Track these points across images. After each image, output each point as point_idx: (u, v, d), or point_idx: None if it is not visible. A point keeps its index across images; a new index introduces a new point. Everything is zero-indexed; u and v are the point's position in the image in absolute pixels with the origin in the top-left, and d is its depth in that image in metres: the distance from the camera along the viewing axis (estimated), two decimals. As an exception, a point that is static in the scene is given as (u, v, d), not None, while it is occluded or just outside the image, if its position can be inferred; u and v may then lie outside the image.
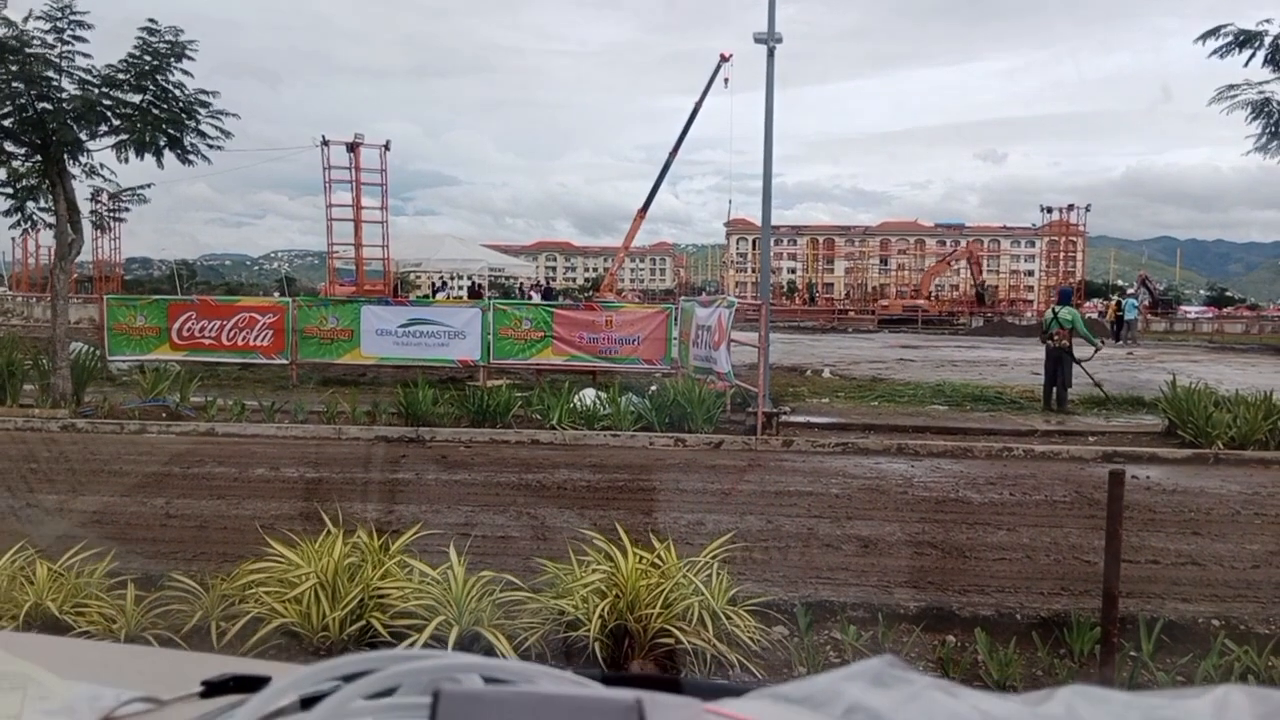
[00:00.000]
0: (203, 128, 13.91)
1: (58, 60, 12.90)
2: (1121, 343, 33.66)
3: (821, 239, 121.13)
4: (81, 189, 14.33)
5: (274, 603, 4.59)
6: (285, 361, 17.26)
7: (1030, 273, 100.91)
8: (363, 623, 4.53)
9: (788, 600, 5.33)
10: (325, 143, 32.50)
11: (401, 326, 16.93)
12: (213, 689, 1.04)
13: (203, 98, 13.89)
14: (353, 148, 32.66)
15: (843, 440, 11.54)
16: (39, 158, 13.53)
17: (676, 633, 4.49)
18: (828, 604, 5.42)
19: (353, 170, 32.42)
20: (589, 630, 4.44)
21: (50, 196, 13.73)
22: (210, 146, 14.23)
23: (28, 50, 12.57)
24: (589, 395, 13.17)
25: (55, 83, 12.93)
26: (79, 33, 12.93)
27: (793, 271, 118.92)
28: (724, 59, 48.78)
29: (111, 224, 14.42)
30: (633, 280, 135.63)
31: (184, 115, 13.73)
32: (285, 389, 16.12)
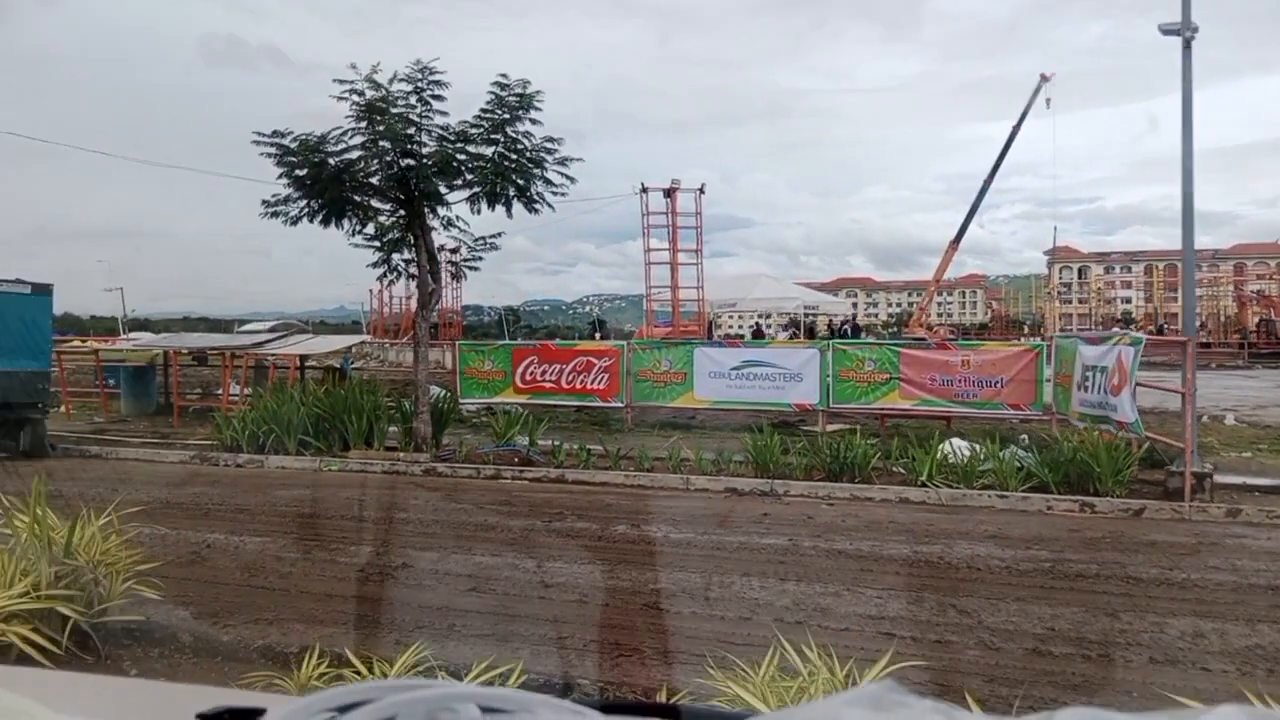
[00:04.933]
0: (549, 175, 14.04)
1: (418, 119, 13.48)
2: None
3: (1162, 265, 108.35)
4: (436, 240, 14.94)
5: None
6: (619, 404, 17.10)
7: None
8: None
9: None
10: (644, 189, 33.29)
11: (734, 369, 16.16)
12: None
13: (548, 146, 14.00)
14: (669, 193, 33.17)
15: (1312, 511, 9.06)
16: (402, 212, 14.23)
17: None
18: None
19: (669, 214, 32.87)
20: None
21: (413, 248, 14.39)
22: (554, 194, 14.34)
23: (392, 110, 13.22)
24: (961, 446, 11.54)
25: (416, 139, 13.51)
26: (437, 91, 13.48)
27: (1127, 301, 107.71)
28: (1044, 79, 45.60)
29: (466, 273, 14.73)
30: (940, 314, 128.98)
31: (531, 165, 13.90)
32: (620, 432, 15.89)
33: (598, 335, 63.80)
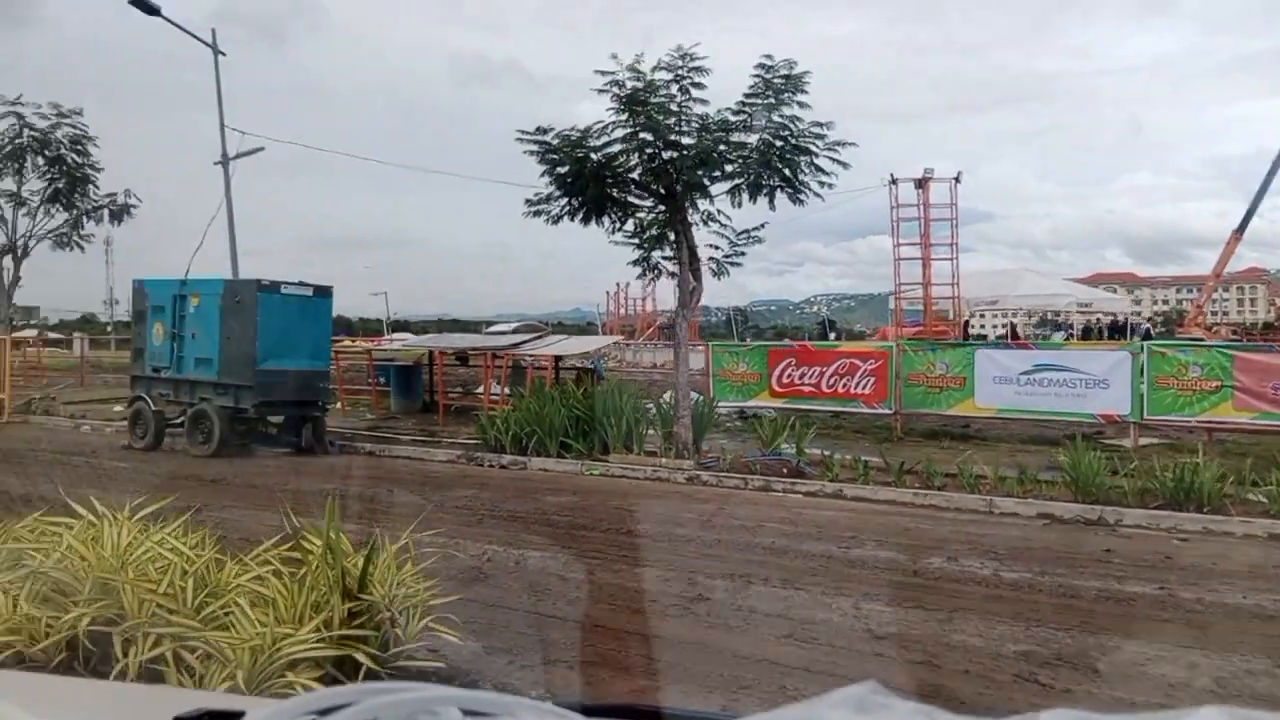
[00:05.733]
0: (818, 162, 12.93)
1: (678, 109, 12.78)
2: None
3: None
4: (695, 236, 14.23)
5: None
6: (886, 411, 15.72)
7: None
8: None
9: None
10: (893, 181, 31.36)
11: (1024, 374, 14.38)
12: None
13: (817, 130, 12.88)
14: (921, 183, 30.99)
15: None
16: (663, 207, 13.59)
17: None
18: None
19: (919, 207, 30.77)
20: None
21: (673, 245, 13.73)
22: (822, 184, 13.20)
23: (653, 100, 12.60)
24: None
25: (677, 130, 12.82)
26: (697, 79, 12.72)
27: None
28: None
29: (729, 270, 13.92)
30: (1215, 313, 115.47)
31: (797, 151, 12.86)
32: (889, 441, 14.54)
33: (831, 335, 61.51)
